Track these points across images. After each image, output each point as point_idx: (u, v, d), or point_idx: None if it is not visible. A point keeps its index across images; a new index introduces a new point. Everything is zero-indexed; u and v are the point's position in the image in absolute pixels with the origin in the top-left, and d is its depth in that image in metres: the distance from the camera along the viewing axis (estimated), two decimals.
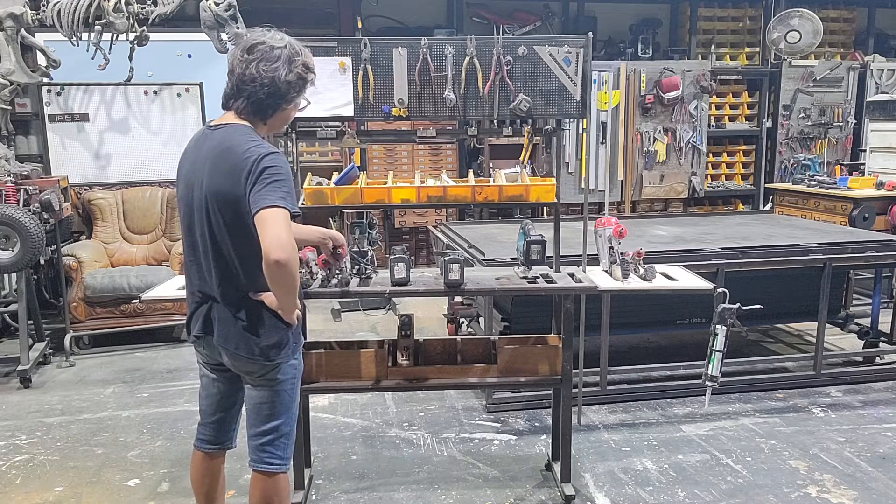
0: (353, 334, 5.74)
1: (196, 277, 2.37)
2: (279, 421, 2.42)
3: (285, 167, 2.21)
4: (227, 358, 2.39)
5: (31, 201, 4.87)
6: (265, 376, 2.38)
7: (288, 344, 2.38)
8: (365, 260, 3.11)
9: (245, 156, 2.18)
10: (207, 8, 5.05)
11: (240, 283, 2.30)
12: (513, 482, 3.41)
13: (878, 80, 7.92)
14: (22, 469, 3.59)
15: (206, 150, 2.28)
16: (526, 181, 3.20)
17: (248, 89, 2.26)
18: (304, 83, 2.34)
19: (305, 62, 2.33)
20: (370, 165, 7.33)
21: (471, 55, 3.05)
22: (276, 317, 2.32)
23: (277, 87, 2.26)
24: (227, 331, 2.33)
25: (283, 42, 2.29)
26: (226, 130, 2.28)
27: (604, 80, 7.19)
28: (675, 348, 5.10)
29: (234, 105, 2.30)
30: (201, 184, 2.26)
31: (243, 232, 2.23)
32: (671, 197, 7.70)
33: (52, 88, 5.95)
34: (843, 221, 5.80)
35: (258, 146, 2.22)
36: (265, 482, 2.44)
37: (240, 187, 2.17)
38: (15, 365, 4.74)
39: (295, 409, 2.49)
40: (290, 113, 2.39)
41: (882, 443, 3.78)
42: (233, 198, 2.20)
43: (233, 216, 2.23)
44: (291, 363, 2.42)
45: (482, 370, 3.21)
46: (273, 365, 2.36)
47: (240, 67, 2.26)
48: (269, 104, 2.29)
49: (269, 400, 2.41)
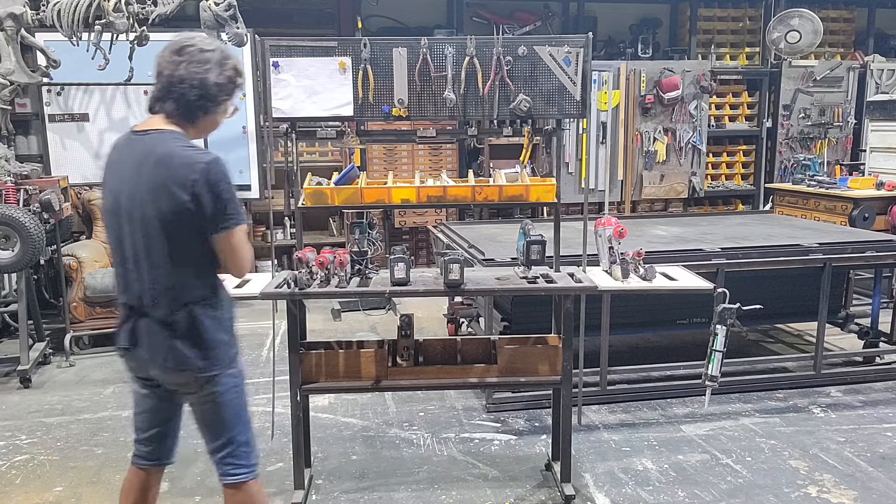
0: (353, 334, 5.74)
1: (124, 289, 2.30)
2: (230, 433, 2.37)
3: (225, 171, 2.18)
4: (157, 371, 2.31)
5: (31, 201, 4.86)
6: (202, 390, 2.31)
7: (221, 353, 2.30)
8: (364, 260, 3.11)
9: (187, 162, 2.13)
10: (207, 8, 5.04)
11: (174, 293, 2.23)
12: (513, 482, 3.41)
13: (878, 80, 7.92)
14: (22, 469, 3.59)
15: (135, 157, 2.19)
16: (526, 181, 3.20)
17: (177, 91, 2.18)
18: (233, 87, 2.28)
19: (236, 66, 2.29)
20: (370, 165, 7.33)
21: (471, 55, 3.05)
22: (205, 326, 2.26)
23: (207, 89, 2.20)
24: (155, 343, 2.26)
25: (212, 45, 2.25)
26: (156, 136, 2.20)
27: (604, 80, 7.19)
28: (675, 348, 5.10)
29: (163, 108, 2.22)
30: (133, 193, 2.18)
31: (182, 241, 2.19)
32: (671, 197, 7.70)
33: (52, 88, 5.95)
34: (843, 221, 5.80)
35: (198, 153, 2.16)
36: (235, 494, 2.40)
37: (182, 196, 2.11)
38: (15, 365, 4.74)
39: (245, 416, 2.42)
40: (219, 118, 2.32)
41: (882, 443, 3.78)
42: (173, 206, 2.13)
43: (172, 225, 2.16)
44: (229, 373, 2.34)
45: (482, 370, 3.21)
46: (207, 378, 2.29)
47: (169, 69, 2.19)
48: (199, 106, 2.22)
49: (213, 414, 2.35)
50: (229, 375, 2.34)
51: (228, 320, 2.36)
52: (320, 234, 7.56)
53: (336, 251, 3.02)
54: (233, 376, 2.36)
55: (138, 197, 2.17)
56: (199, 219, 2.15)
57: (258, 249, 7.21)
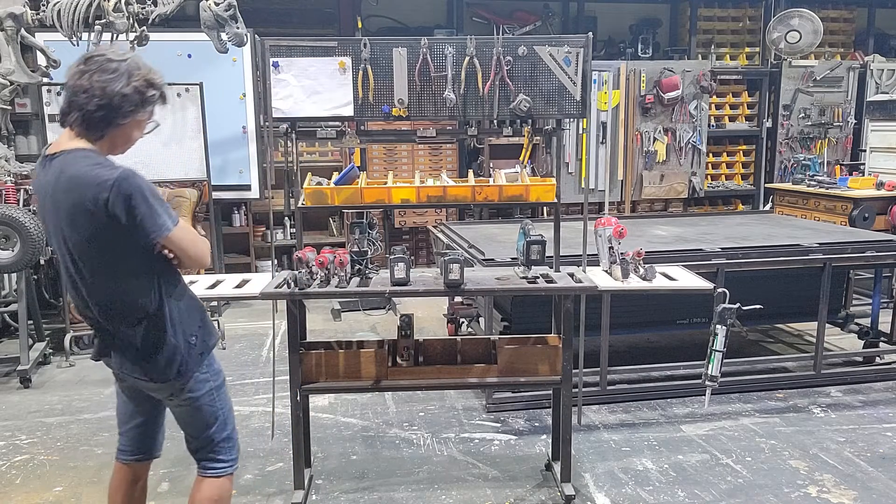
0: (353, 334, 5.74)
1: (82, 307, 2.27)
2: (210, 430, 2.39)
3: (144, 183, 2.09)
4: (130, 380, 2.33)
5: (31, 201, 4.87)
6: (175, 396, 2.32)
7: (185, 359, 2.27)
8: (364, 260, 3.11)
9: (95, 182, 2.03)
10: (207, 8, 5.05)
11: (122, 307, 2.20)
12: (513, 482, 3.41)
13: (878, 80, 7.92)
14: (22, 469, 3.59)
15: (49, 185, 2.12)
16: (526, 181, 3.20)
17: (78, 101, 2.07)
18: (141, 98, 2.14)
19: (149, 78, 2.16)
20: (370, 165, 7.33)
21: (471, 55, 3.05)
22: (161, 337, 2.23)
23: (110, 99, 2.07)
24: (121, 355, 2.27)
25: (124, 56, 2.14)
26: (63, 159, 2.10)
27: (604, 80, 7.19)
28: (675, 348, 5.10)
29: (69, 120, 2.11)
30: (55, 222, 2.14)
31: (117, 258, 2.14)
32: (671, 197, 7.70)
33: (52, 88, 5.94)
34: (843, 221, 5.80)
35: (106, 171, 2.06)
36: (210, 484, 2.43)
37: (100, 217, 2.04)
38: (15, 365, 4.74)
39: (225, 413, 2.42)
40: (131, 132, 2.19)
41: (882, 443, 3.78)
42: (93, 229, 2.08)
43: (99, 245, 2.12)
44: (201, 377, 2.32)
45: (482, 370, 3.21)
46: (175, 385, 2.28)
47: (73, 79, 2.09)
48: (101, 118, 2.09)
49: (190, 416, 2.37)
50: (201, 380, 2.33)
51: (191, 323, 2.30)
52: (320, 234, 7.56)
53: (336, 251, 3.02)
54: (205, 380, 2.34)
55: (60, 225, 2.13)
56: (126, 234, 2.09)
57: (258, 249, 7.23)
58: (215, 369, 2.39)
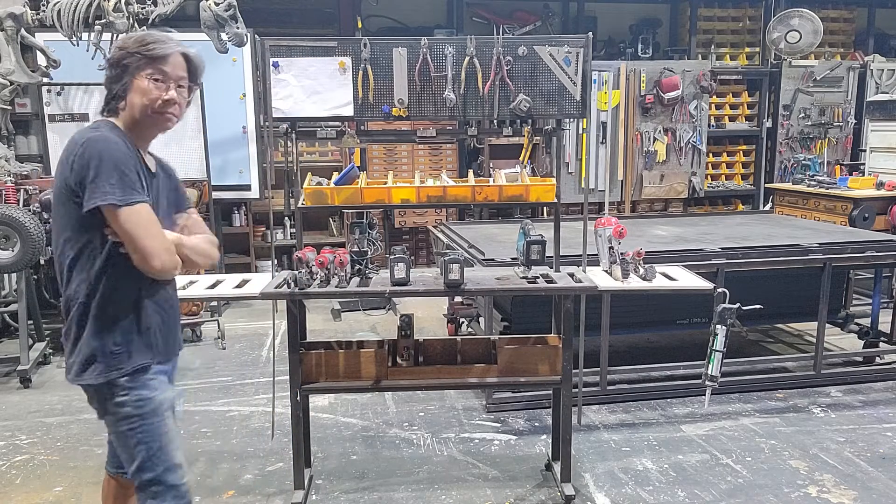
0: (353, 334, 5.74)
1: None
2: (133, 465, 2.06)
3: (117, 152, 1.95)
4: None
5: (31, 201, 4.87)
6: (101, 404, 2.07)
7: (104, 368, 2.01)
8: (364, 260, 3.11)
9: (73, 141, 1.99)
10: (207, 8, 5.05)
11: (66, 291, 2.06)
12: (513, 482, 3.41)
13: (878, 80, 7.92)
14: (22, 469, 3.59)
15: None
16: (526, 181, 3.20)
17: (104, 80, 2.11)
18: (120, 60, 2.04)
19: (140, 38, 2.07)
20: (370, 165, 7.33)
21: (471, 55, 3.05)
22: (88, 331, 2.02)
23: (106, 70, 2.09)
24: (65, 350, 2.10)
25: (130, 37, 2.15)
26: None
27: (604, 80, 7.20)
28: (675, 348, 5.10)
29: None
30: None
31: (68, 229, 2.02)
32: (671, 197, 7.70)
33: (52, 88, 5.95)
34: (843, 221, 5.80)
35: (87, 132, 2.00)
36: None
37: (66, 175, 1.96)
38: (15, 365, 4.74)
39: (152, 451, 2.05)
40: (133, 99, 2.04)
41: (882, 443, 3.78)
42: (58, 190, 2.01)
43: (60, 210, 2.02)
44: (120, 398, 2.02)
45: (482, 370, 3.21)
46: (96, 397, 2.06)
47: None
48: (106, 92, 2.09)
49: (116, 440, 2.11)
50: (119, 402, 2.03)
51: (126, 332, 2.05)
52: (320, 234, 7.57)
53: (336, 251, 3.02)
54: (123, 403, 2.03)
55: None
56: (79, 203, 1.95)
57: (258, 249, 7.23)
58: (145, 397, 2.04)
